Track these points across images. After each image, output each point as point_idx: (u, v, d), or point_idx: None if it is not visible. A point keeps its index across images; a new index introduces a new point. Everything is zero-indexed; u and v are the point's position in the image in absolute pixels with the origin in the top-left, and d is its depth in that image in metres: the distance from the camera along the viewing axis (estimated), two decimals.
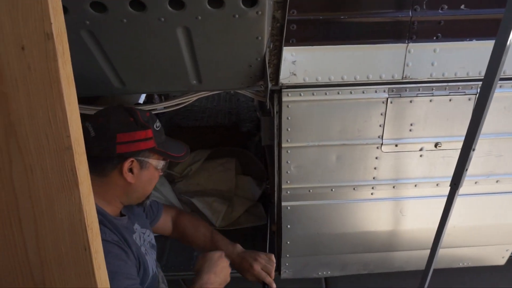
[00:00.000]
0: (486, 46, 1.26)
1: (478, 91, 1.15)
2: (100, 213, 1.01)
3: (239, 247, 1.33)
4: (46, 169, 0.50)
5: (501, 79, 1.41)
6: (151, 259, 1.16)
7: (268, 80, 1.29)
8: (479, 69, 1.38)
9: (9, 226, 0.52)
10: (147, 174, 1.06)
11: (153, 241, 1.25)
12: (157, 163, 1.08)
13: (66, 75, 0.50)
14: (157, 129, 1.08)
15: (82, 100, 0.93)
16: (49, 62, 0.48)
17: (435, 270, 1.52)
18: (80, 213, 0.52)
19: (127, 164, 1.01)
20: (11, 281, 0.54)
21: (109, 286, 0.59)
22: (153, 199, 1.31)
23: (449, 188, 1.32)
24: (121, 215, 1.14)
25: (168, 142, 1.12)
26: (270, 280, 1.24)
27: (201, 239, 1.35)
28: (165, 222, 1.40)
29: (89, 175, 0.54)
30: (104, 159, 1.00)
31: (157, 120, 1.10)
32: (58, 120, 0.49)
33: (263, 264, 1.25)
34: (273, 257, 1.30)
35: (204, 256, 1.16)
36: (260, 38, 1.12)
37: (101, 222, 1.00)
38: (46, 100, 0.49)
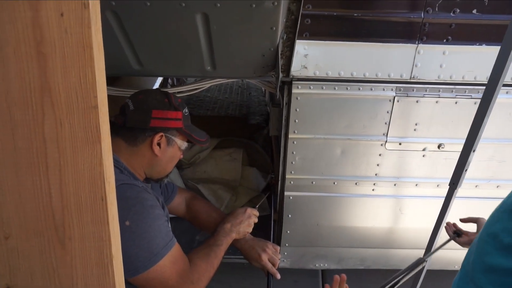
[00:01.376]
0: (495, 51, 1.27)
1: None
2: (131, 175, 1.12)
3: (248, 235, 1.38)
4: (74, 124, 0.56)
5: (507, 85, 1.44)
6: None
7: (280, 71, 1.34)
8: (487, 74, 1.40)
9: (38, 173, 0.58)
10: (171, 151, 1.17)
11: (168, 217, 1.32)
12: (181, 143, 1.19)
13: (97, 41, 0.56)
14: (186, 114, 1.19)
15: None
16: (83, 28, 0.54)
17: (429, 270, 1.55)
18: (100, 167, 0.58)
19: (157, 138, 1.12)
20: (35, 222, 0.60)
21: (119, 237, 0.65)
22: (168, 181, 1.38)
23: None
24: None
25: (193, 128, 1.23)
26: (275, 271, 1.31)
27: (212, 224, 1.40)
28: (178, 203, 1.47)
29: (110, 133, 0.60)
30: (138, 130, 1.11)
31: (186, 107, 1.21)
32: (87, 81, 0.56)
33: (270, 256, 1.32)
34: (279, 248, 1.37)
35: (232, 212, 1.34)
36: (274, 28, 1.17)
37: (135, 179, 1.11)
38: (78, 62, 0.55)
